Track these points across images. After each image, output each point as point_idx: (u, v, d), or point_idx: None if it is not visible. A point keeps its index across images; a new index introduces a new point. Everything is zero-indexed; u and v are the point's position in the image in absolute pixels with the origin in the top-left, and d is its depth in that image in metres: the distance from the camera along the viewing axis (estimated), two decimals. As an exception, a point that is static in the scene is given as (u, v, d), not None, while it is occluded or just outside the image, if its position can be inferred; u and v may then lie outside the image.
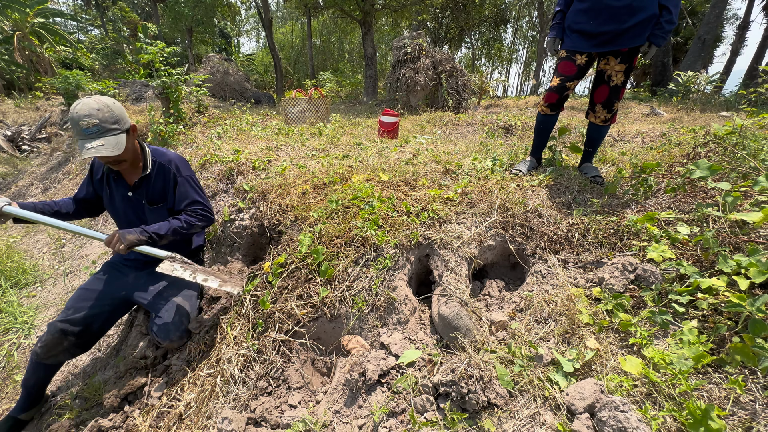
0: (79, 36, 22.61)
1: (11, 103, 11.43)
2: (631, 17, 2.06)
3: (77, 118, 1.55)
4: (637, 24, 2.08)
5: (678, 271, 1.44)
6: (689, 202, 1.99)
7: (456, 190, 2.23)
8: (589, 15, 2.17)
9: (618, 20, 2.08)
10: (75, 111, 1.56)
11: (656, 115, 6.61)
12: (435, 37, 18.85)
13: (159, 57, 4.31)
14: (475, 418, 1.16)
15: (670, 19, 2.06)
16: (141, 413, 1.69)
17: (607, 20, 2.11)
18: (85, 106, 1.57)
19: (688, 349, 1.16)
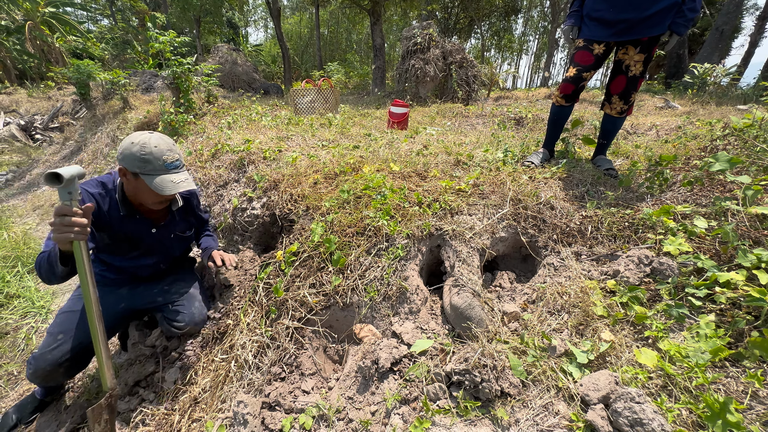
0: (88, 26, 22.73)
1: (24, 92, 11.57)
2: (653, 5, 2.00)
3: (160, 152, 1.52)
4: (658, 12, 2.02)
5: (695, 265, 1.42)
6: (706, 195, 1.95)
7: (468, 181, 2.22)
8: (609, 2, 2.11)
9: (638, 8, 2.03)
10: (154, 146, 1.51)
11: (670, 108, 6.48)
12: (444, 27, 18.58)
13: (169, 47, 4.32)
14: (488, 406, 1.17)
15: (693, 6, 2.00)
16: (156, 396, 1.73)
17: (626, 7, 2.06)
18: (161, 140, 1.55)
19: (704, 343, 1.15)
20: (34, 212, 4.74)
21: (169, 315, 1.85)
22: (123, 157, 1.52)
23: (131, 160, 1.51)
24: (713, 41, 9.95)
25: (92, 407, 1.25)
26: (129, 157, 1.51)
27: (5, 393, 2.07)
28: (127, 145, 1.51)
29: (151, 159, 1.51)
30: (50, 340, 1.57)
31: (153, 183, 1.52)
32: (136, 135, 1.54)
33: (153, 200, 1.64)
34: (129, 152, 1.50)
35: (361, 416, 1.28)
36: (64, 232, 1.18)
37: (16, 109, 10.21)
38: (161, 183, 1.53)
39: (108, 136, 6.00)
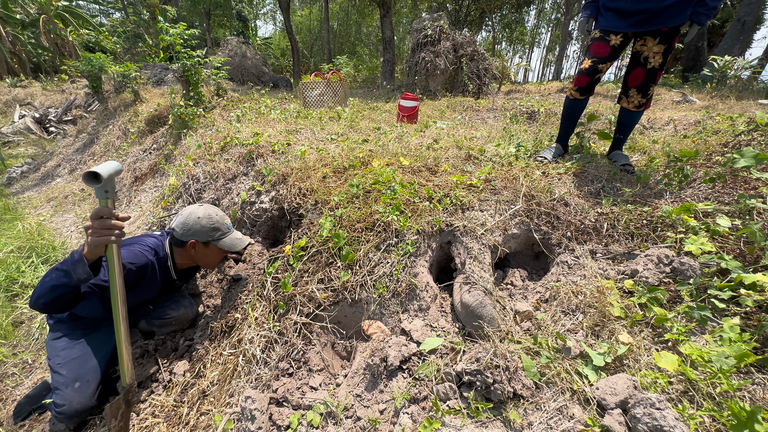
0: (101, 19, 22.94)
1: (38, 85, 11.76)
2: None
3: (222, 219, 1.82)
4: (678, 1, 1.94)
5: (718, 266, 1.36)
6: (729, 193, 1.88)
7: (479, 176, 2.17)
8: None
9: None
10: (215, 214, 1.80)
11: (688, 102, 6.29)
12: (455, 19, 18.30)
13: (179, 39, 4.31)
14: (499, 408, 1.14)
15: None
16: (165, 389, 1.74)
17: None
18: (215, 209, 1.84)
19: (729, 347, 1.10)
20: (48, 204, 4.82)
21: (154, 314, 1.95)
22: (193, 233, 1.74)
23: (203, 233, 1.75)
24: (734, 33, 9.61)
25: (110, 403, 1.27)
26: (200, 231, 1.75)
27: (20, 381, 2.11)
28: (192, 221, 1.74)
29: (218, 226, 1.80)
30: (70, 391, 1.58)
31: (224, 244, 1.81)
32: (194, 210, 1.78)
33: (218, 260, 1.90)
34: (199, 226, 1.74)
35: (369, 414, 1.27)
36: (104, 235, 1.17)
37: (31, 102, 10.38)
38: (231, 242, 1.84)
39: (120, 129, 6.05)
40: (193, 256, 1.82)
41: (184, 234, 1.75)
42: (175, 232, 1.77)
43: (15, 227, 3.71)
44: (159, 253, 1.80)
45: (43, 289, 1.33)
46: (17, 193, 5.48)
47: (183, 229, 1.74)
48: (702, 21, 1.97)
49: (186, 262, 1.88)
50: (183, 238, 1.76)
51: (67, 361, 1.65)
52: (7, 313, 2.56)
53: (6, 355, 2.23)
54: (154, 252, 1.77)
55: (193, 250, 1.79)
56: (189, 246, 1.77)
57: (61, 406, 1.55)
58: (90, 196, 4.72)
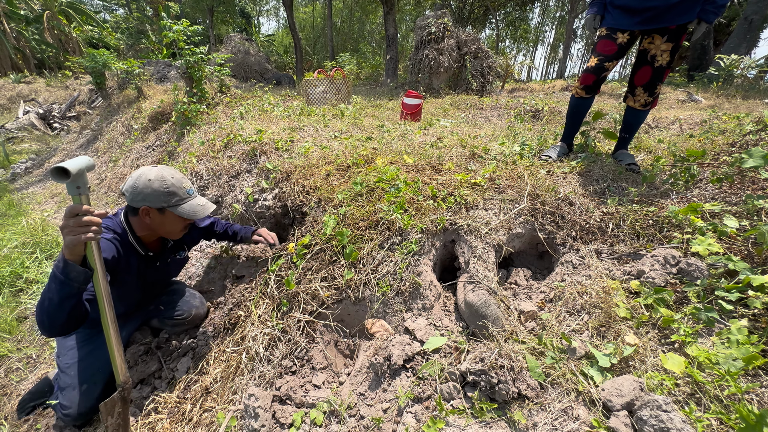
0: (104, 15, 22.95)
1: (42, 81, 11.78)
2: None
3: (179, 182, 1.58)
4: None
5: (726, 267, 1.35)
6: (736, 193, 1.86)
7: (483, 174, 2.16)
8: None
9: None
10: (171, 177, 1.56)
11: (693, 101, 6.24)
12: (458, 17, 18.21)
13: (182, 36, 4.30)
14: (504, 408, 1.14)
15: None
16: (168, 385, 1.74)
17: None
18: (172, 170, 1.60)
19: (736, 350, 1.09)
20: (52, 199, 4.84)
21: (166, 313, 1.92)
22: (144, 197, 1.52)
23: (155, 197, 1.52)
24: (741, 31, 9.51)
25: (105, 402, 1.25)
26: (151, 195, 1.52)
27: (25, 376, 2.12)
28: (142, 184, 1.51)
29: (174, 190, 1.56)
30: (76, 393, 1.58)
31: (183, 211, 1.58)
32: (145, 172, 1.54)
33: (179, 229, 1.68)
34: (150, 190, 1.51)
35: (372, 413, 1.26)
36: (80, 233, 1.11)
37: (35, 98, 10.41)
38: (191, 209, 1.60)
39: (123, 125, 6.06)
40: (150, 224, 1.62)
41: (134, 199, 1.52)
42: (126, 197, 1.55)
43: (19, 223, 3.72)
44: (116, 230, 1.61)
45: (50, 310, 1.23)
46: (21, 189, 5.50)
47: (132, 194, 1.52)
48: (710, 19, 1.94)
49: (146, 233, 1.67)
50: (134, 204, 1.54)
51: (75, 362, 1.65)
52: (12, 308, 2.57)
53: (11, 350, 2.24)
54: (110, 231, 1.59)
55: (147, 218, 1.58)
56: (142, 213, 1.56)
57: (67, 409, 1.55)
58: (93, 192, 4.73)
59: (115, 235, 1.59)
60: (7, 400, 1.95)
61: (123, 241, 1.62)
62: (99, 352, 1.69)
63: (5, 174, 6.22)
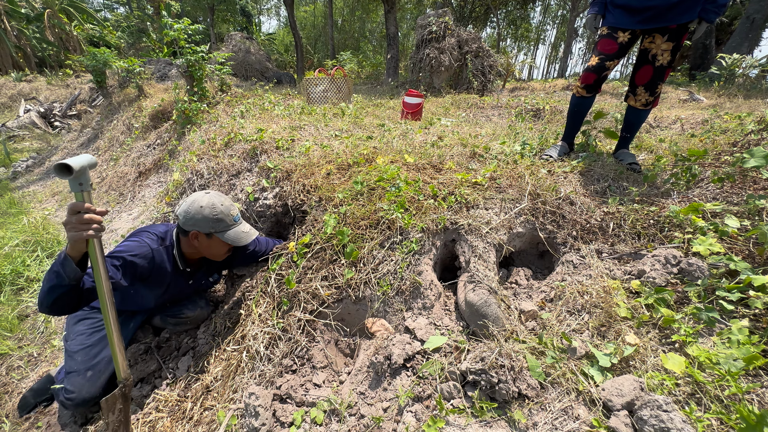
0: (105, 14, 22.93)
1: (43, 80, 11.79)
2: None
3: (227, 210, 1.68)
4: None
5: (727, 267, 1.34)
6: (738, 193, 1.85)
7: (484, 174, 2.16)
8: None
9: None
10: (221, 205, 1.66)
11: (695, 100, 6.22)
12: (460, 16, 18.17)
13: (183, 35, 4.30)
14: (504, 408, 1.14)
15: None
16: (169, 384, 1.74)
17: None
18: (222, 197, 1.71)
19: (737, 350, 1.09)
20: (53, 198, 4.84)
21: (170, 311, 1.93)
22: (195, 222, 1.63)
23: (204, 223, 1.63)
24: (743, 31, 9.48)
25: (106, 398, 1.26)
26: (202, 221, 1.63)
27: (26, 374, 2.13)
28: (194, 210, 1.62)
29: (222, 218, 1.66)
30: (81, 379, 1.60)
31: (228, 238, 1.68)
32: (198, 198, 1.65)
33: (223, 252, 1.77)
34: (201, 216, 1.62)
35: (372, 412, 1.26)
36: (81, 229, 1.14)
37: (36, 97, 10.41)
38: (236, 236, 1.70)
39: (124, 124, 6.06)
40: (197, 246, 1.73)
41: (186, 223, 1.65)
42: (179, 219, 1.68)
43: (20, 221, 3.73)
44: (166, 241, 1.74)
45: (42, 292, 1.29)
46: (22, 188, 5.51)
47: (185, 218, 1.64)
48: (711, 18, 1.94)
49: (192, 251, 1.79)
50: (185, 227, 1.67)
51: (82, 348, 1.67)
52: (13, 306, 2.58)
53: (12, 348, 2.25)
54: (160, 240, 1.72)
55: (195, 241, 1.70)
56: (191, 236, 1.68)
57: (71, 393, 1.57)
58: (94, 190, 4.74)
59: (161, 246, 1.71)
60: (8, 398, 1.95)
61: (168, 252, 1.74)
62: (106, 341, 1.71)
63: (6, 172, 6.22)
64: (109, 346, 1.26)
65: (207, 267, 1.95)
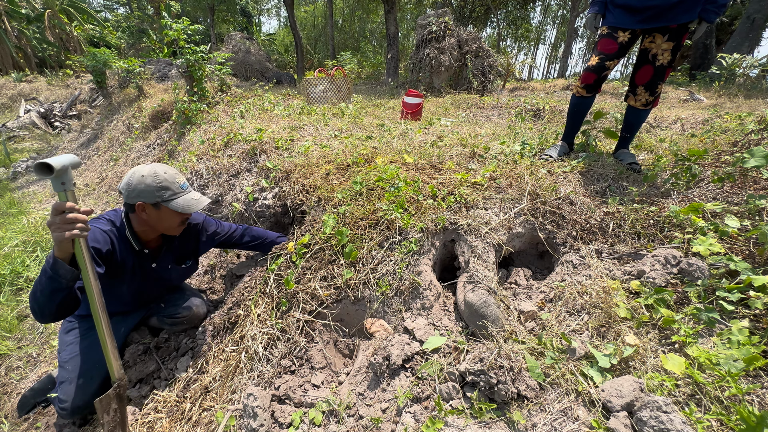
0: (105, 14, 22.95)
1: (43, 80, 11.79)
2: None
3: (172, 177, 1.60)
4: None
5: (727, 267, 1.34)
6: (738, 193, 1.85)
7: (484, 174, 2.15)
8: None
9: None
10: (164, 173, 1.58)
11: (695, 100, 6.21)
12: (460, 16, 18.16)
13: (183, 35, 4.29)
14: (503, 409, 1.13)
15: None
16: (168, 384, 1.74)
17: None
18: (165, 166, 1.62)
19: (737, 350, 1.08)
20: (53, 198, 4.84)
21: (166, 312, 1.91)
22: (138, 193, 1.53)
23: (149, 192, 1.54)
24: (743, 30, 9.47)
25: (99, 398, 1.25)
26: (145, 191, 1.54)
27: (25, 374, 2.13)
28: (136, 180, 1.53)
29: (167, 185, 1.57)
30: (72, 387, 1.59)
31: (177, 206, 1.59)
32: (138, 169, 1.57)
33: (176, 224, 1.68)
34: (143, 185, 1.53)
35: (371, 413, 1.26)
36: (65, 230, 1.13)
37: (36, 97, 10.41)
38: (185, 203, 1.61)
39: (123, 124, 6.06)
40: (147, 220, 1.62)
41: (130, 195, 1.54)
42: (122, 195, 1.56)
43: (20, 221, 3.73)
44: (116, 223, 1.65)
45: (40, 302, 1.26)
46: (22, 188, 5.50)
47: (128, 190, 1.53)
48: (711, 18, 1.93)
49: (144, 228, 1.67)
50: (129, 201, 1.56)
51: (73, 357, 1.66)
52: (12, 306, 2.58)
53: (11, 349, 2.25)
54: (111, 223, 1.63)
55: (144, 214, 1.59)
56: (138, 209, 1.57)
57: (64, 402, 1.56)
58: (94, 191, 4.74)
59: (113, 228, 1.62)
60: (7, 398, 1.95)
61: (120, 234, 1.64)
62: (97, 346, 1.70)
63: (6, 172, 6.22)
64: (102, 345, 1.25)
65: (168, 247, 1.84)
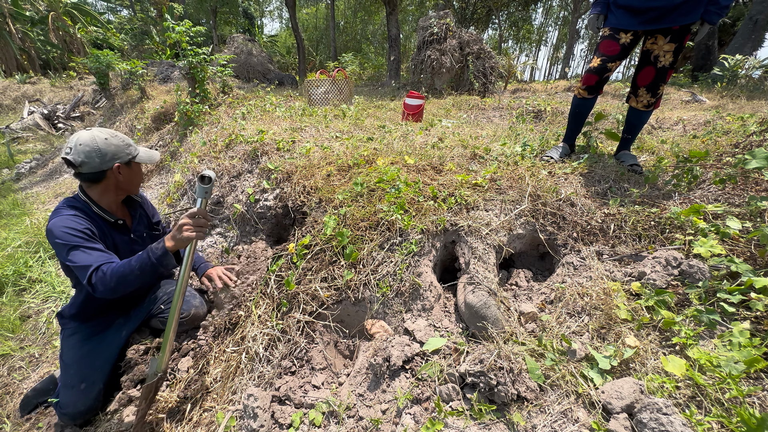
0: (108, 16, 23.08)
1: (47, 82, 11.86)
2: None
3: (126, 138, 1.62)
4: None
5: (728, 269, 1.34)
6: (739, 195, 1.84)
7: (484, 175, 2.15)
8: None
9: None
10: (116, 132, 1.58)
11: (697, 102, 6.20)
12: (461, 17, 18.17)
13: (185, 37, 4.32)
14: (503, 410, 1.13)
15: None
16: (169, 385, 1.74)
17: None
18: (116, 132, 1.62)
19: (738, 352, 1.08)
20: (55, 199, 4.86)
21: (166, 313, 1.91)
22: (112, 155, 1.53)
23: (121, 151, 1.56)
24: (746, 32, 9.45)
25: (146, 384, 1.39)
26: (118, 152, 1.55)
27: (27, 374, 2.14)
28: (103, 144, 1.51)
29: (129, 141, 1.62)
30: (75, 392, 1.62)
31: (143, 158, 1.65)
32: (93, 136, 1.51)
33: (140, 179, 1.73)
34: (114, 147, 1.54)
35: (371, 414, 1.26)
36: (197, 232, 1.34)
37: (39, 99, 10.47)
38: (147, 154, 1.68)
39: (126, 126, 6.09)
40: (120, 183, 1.60)
41: (103, 162, 1.50)
42: (86, 167, 1.49)
43: (23, 222, 3.75)
44: (78, 205, 1.58)
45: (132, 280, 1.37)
46: (25, 189, 5.53)
47: (98, 157, 1.48)
48: (714, 20, 1.93)
49: (111, 197, 1.64)
50: (103, 167, 1.51)
51: (74, 362, 1.66)
52: (15, 307, 2.59)
53: (14, 349, 2.26)
54: (72, 208, 1.55)
55: (120, 176, 1.57)
56: (115, 172, 1.54)
57: (66, 408, 1.58)
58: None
59: (77, 211, 1.54)
60: (9, 398, 1.96)
61: (88, 213, 1.58)
62: (98, 350, 1.71)
63: (10, 174, 6.26)
64: (164, 337, 1.40)
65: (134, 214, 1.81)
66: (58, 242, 1.43)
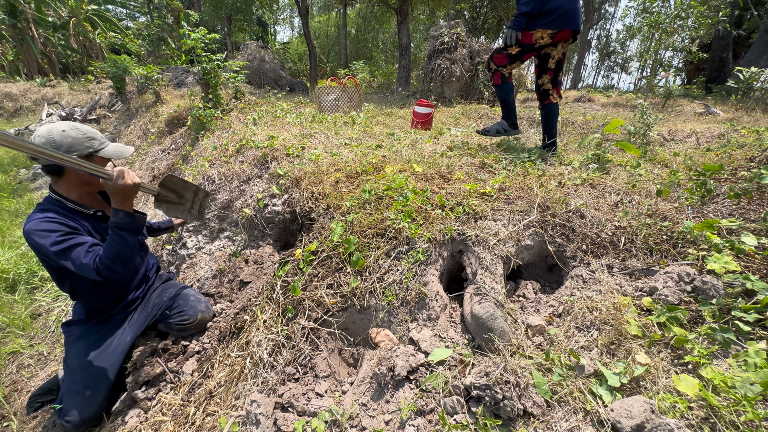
0: (127, 23, 23.74)
1: (66, 85, 12.18)
2: None
3: (89, 128, 1.56)
4: None
5: (743, 286, 1.30)
6: (755, 210, 1.80)
7: (493, 185, 2.14)
8: None
9: None
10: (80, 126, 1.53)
11: (711, 114, 6.12)
12: (472, 27, 18.26)
13: (200, 43, 4.41)
14: (509, 425, 1.11)
15: None
16: (173, 388, 1.75)
17: None
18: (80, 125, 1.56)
19: (754, 373, 1.04)
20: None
21: (172, 318, 1.92)
22: (68, 147, 1.45)
23: (79, 144, 1.48)
24: (762, 44, 9.33)
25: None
26: (75, 144, 1.47)
27: (36, 372, 2.16)
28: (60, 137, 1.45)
29: (93, 135, 1.54)
30: (79, 399, 1.62)
31: (109, 153, 1.56)
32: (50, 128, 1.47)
33: None
34: (71, 139, 1.46)
35: (374, 425, 1.25)
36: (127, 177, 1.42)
37: (58, 101, 10.76)
38: (116, 149, 1.60)
39: (140, 129, 6.22)
40: (81, 176, 1.53)
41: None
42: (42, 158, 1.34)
43: (37, 222, 3.81)
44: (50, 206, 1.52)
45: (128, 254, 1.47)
46: (41, 188, 5.66)
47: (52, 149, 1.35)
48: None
49: (81, 191, 1.59)
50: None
51: (80, 368, 1.67)
52: (26, 305, 2.64)
53: (23, 347, 2.29)
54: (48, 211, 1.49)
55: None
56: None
57: (69, 415, 1.58)
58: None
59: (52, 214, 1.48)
60: (17, 396, 1.99)
61: (64, 212, 1.53)
62: (103, 356, 1.71)
63: (27, 173, 6.41)
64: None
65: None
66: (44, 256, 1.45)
